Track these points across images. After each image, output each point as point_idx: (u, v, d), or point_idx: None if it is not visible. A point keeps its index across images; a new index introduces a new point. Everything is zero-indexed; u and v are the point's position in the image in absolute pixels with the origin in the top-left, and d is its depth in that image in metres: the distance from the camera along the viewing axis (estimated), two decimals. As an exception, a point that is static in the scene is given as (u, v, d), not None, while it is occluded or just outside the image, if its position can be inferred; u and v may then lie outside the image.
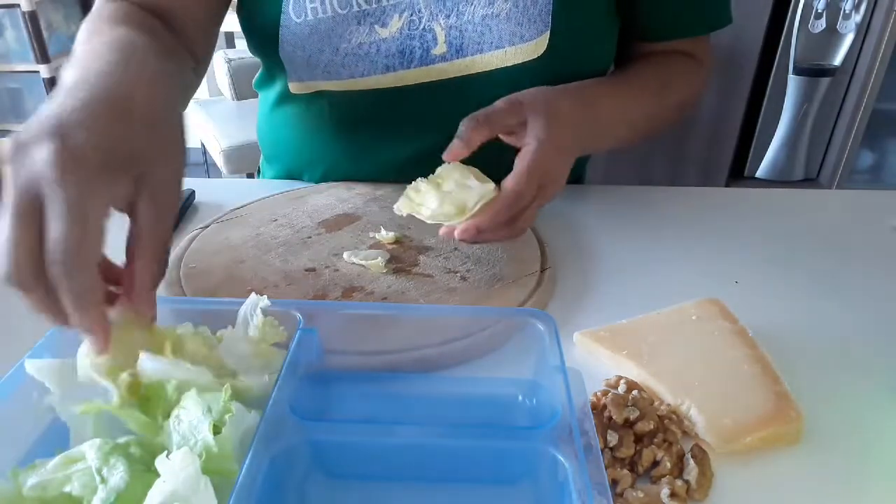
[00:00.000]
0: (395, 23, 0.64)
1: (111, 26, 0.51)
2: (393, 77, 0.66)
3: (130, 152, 0.38)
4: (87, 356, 0.37)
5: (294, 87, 0.70)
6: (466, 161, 0.52)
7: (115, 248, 0.39)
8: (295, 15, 0.64)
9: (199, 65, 0.66)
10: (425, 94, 0.66)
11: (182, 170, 0.42)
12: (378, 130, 0.72)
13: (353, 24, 0.64)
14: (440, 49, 0.64)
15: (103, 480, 0.31)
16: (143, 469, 0.32)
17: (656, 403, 0.42)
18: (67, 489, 0.32)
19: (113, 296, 0.39)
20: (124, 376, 0.36)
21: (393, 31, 0.64)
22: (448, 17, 0.63)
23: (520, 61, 0.63)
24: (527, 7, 0.61)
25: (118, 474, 0.31)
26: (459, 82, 0.65)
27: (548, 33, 0.62)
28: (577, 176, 0.86)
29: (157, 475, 0.30)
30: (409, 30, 0.64)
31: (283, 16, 0.64)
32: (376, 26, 0.64)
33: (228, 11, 0.69)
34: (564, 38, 0.62)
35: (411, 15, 0.63)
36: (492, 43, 0.63)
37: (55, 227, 0.33)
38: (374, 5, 0.63)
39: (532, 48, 0.62)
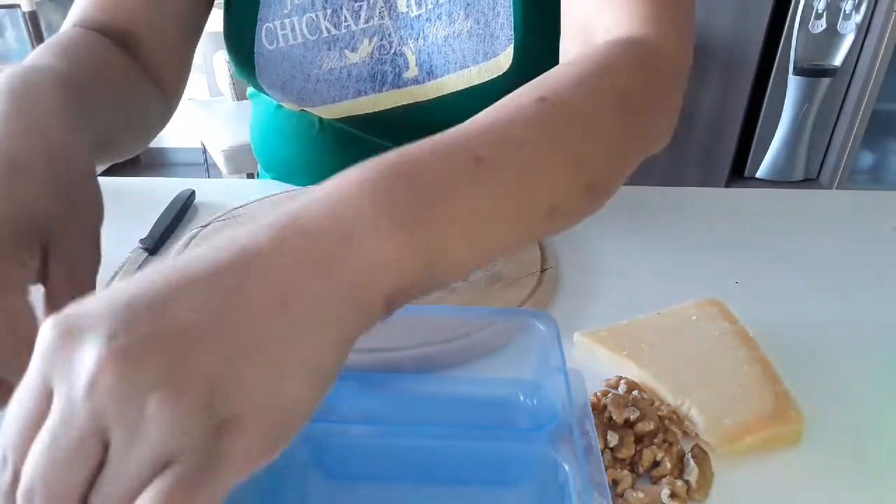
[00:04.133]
0: (366, 47, 0.63)
1: (42, 52, 0.46)
2: (366, 102, 0.66)
3: (31, 216, 0.33)
4: None
5: (285, 105, 0.70)
6: None
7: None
8: (267, 42, 0.64)
9: (168, 97, 0.61)
10: (407, 116, 0.66)
11: (96, 224, 0.37)
12: (366, 149, 0.71)
13: (323, 50, 0.63)
14: (412, 72, 0.63)
15: None
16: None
17: (656, 404, 0.42)
18: None
19: None
20: None
21: (363, 55, 0.63)
22: (416, 39, 0.62)
23: (486, 79, 0.61)
24: (488, 23, 0.60)
25: None
26: (436, 103, 0.64)
27: (511, 48, 0.60)
28: None
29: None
30: (379, 54, 0.63)
31: (256, 43, 0.64)
32: (346, 51, 0.63)
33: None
34: (529, 51, 0.60)
35: (381, 39, 0.63)
36: (456, 63, 0.61)
37: None
38: (343, 30, 0.63)
39: (497, 65, 0.61)
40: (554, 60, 0.59)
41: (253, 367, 0.23)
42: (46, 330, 0.23)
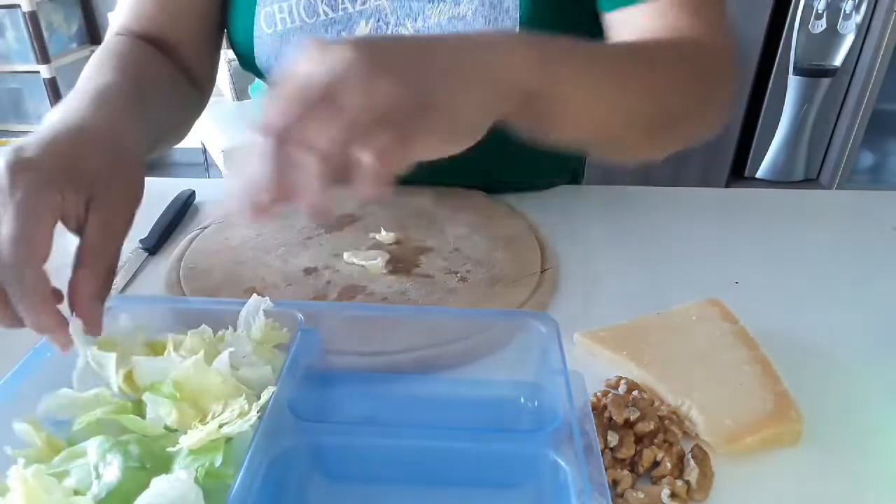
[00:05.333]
0: (363, 29, 0.64)
1: (106, 67, 0.56)
2: None
3: (81, 168, 0.40)
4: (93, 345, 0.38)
5: None
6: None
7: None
8: (266, 26, 0.65)
9: (202, 90, 0.70)
10: None
11: (135, 198, 0.44)
12: None
13: (320, 33, 0.64)
14: None
15: (98, 476, 0.31)
16: (139, 467, 0.32)
17: (657, 404, 0.42)
18: (67, 482, 0.32)
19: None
20: (121, 371, 0.37)
21: None
22: (415, 20, 0.63)
23: None
24: (493, 5, 0.60)
25: (112, 471, 0.31)
26: None
27: (517, 30, 0.61)
28: (572, 175, 0.85)
29: (153, 474, 0.30)
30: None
31: (255, 28, 0.65)
32: (343, 34, 0.64)
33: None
34: (535, 33, 0.62)
35: (378, 21, 0.63)
36: None
37: (4, 227, 0.36)
38: (339, 13, 0.63)
39: None
40: None
41: (446, 88, 0.37)
42: (309, 44, 0.36)
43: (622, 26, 0.59)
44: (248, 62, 0.69)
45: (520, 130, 0.46)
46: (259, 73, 0.70)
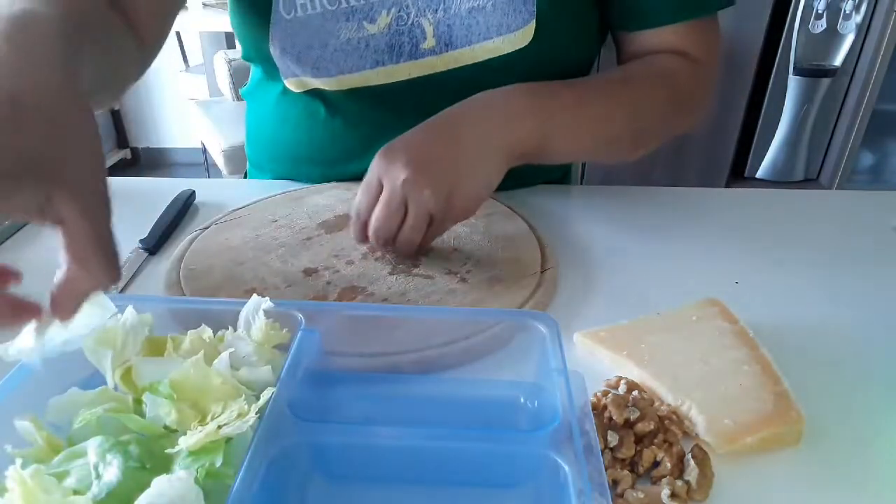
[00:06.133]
0: (384, 19, 0.64)
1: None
2: (383, 72, 0.67)
3: (29, 152, 0.32)
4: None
5: (289, 84, 0.70)
6: None
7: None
8: (285, 11, 0.64)
9: (146, 47, 0.61)
10: (417, 89, 0.67)
11: (100, 161, 0.36)
12: (373, 129, 0.72)
13: (341, 20, 0.64)
14: (429, 43, 0.65)
15: (98, 476, 0.31)
16: (139, 467, 0.32)
17: (657, 404, 0.42)
18: (66, 483, 0.32)
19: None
20: (118, 369, 0.37)
21: (381, 26, 0.65)
22: (435, 11, 0.64)
23: (507, 51, 0.64)
24: None
25: (112, 471, 0.31)
26: (450, 75, 0.66)
27: (533, 22, 0.62)
28: (561, 174, 0.85)
29: (153, 474, 0.30)
30: (397, 25, 0.64)
31: (273, 13, 0.65)
32: (364, 22, 0.64)
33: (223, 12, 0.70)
34: (550, 26, 0.63)
35: (399, 11, 0.64)
36: (479, 35, 0.63)
37: None
38: (361, 1, 0.64)
39: (518, 38, 0.63)
40: (571, 40, 0.67)
41: (464, 176, 0.54)
42: (378, 155, 0.53)
43: (633, 43, 0.69)
44: (257, 51, 0.68)
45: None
46: (266, 63, 0.69)
